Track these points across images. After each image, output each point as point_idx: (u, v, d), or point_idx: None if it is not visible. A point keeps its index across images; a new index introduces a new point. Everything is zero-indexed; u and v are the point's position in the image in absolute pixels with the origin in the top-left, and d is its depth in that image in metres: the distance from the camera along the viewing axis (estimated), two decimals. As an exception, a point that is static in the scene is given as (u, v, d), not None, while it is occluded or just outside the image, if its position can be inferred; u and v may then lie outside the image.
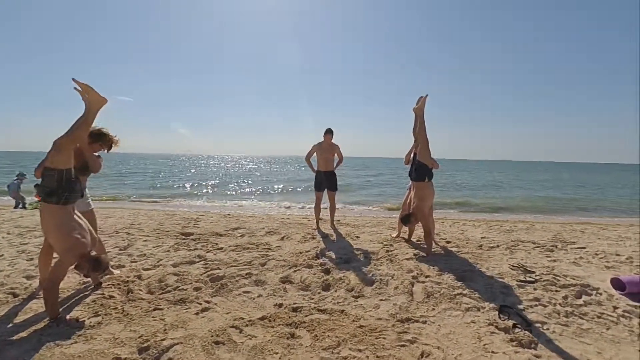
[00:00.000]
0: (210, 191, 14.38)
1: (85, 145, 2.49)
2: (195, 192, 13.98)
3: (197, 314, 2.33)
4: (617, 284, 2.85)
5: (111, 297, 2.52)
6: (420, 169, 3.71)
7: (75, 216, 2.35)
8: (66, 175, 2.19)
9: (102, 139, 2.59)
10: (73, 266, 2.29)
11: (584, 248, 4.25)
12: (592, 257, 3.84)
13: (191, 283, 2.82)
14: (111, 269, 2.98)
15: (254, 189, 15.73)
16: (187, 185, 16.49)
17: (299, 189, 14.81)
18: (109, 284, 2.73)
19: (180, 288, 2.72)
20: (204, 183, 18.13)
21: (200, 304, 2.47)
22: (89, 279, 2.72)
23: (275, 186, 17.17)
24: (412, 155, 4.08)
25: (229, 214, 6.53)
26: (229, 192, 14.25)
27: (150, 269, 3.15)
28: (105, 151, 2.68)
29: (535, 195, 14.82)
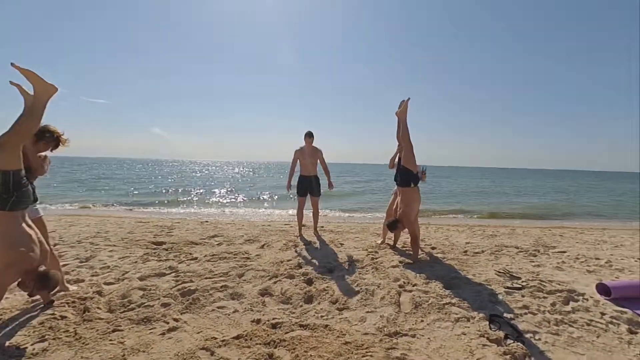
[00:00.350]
0: (189, 198, 13.82)
1: (29, 145, 2.20)
2: (174, 198, 13.38)
3: (163, 334, 2.07)
4: (603, 289, 2.83)
5: (63, 317, 2.21)
6: (405, 174, 3.62)
7: (24, 225, 2.05)
8: (14, 177, 1.91)
9: (46, 137, 2.30)
10: (16, 283, 1.99)
11: (564, 252, 4.28)
12: (573, 261, 3.87)
13: (159, 298, 2.54)
14: (66, 285, 2.65)
15: (236, 195, 15.30)
16: (166, 191, 15.81)
17: (288, 195, 14.45)
18: (62, 302, 2.40)
19: (145, 305, 2.44)
20: (183, 189, 17.45)
21: (168, 322, 2.21)
22: (39, 297, 2.39)
23: (258, 192, 16.79)
24: (396, 159, 3.99)
25: (206, 221, 6.20)
26: (209, 198, 13.76)
27: (113, 283, 2.84)
28: (51, 151, 2.39)
29: (519, 201, 15.20)
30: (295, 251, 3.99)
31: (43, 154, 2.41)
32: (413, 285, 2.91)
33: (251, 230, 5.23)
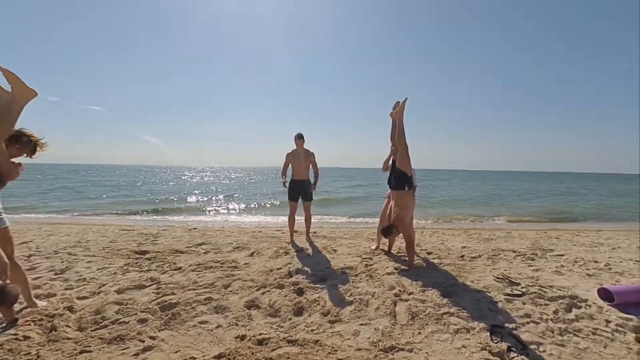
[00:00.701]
0: (179, 204, 13.51)
1: (1, 148, 2.02)
2: (163, 205, 13.05)
3: (136, 355, 1.88)
4: (604, 294, 2.72)
5: (26, 338, 2.01)
6: (400, 176, 3.49)
7: None
8: None
9: (22, 141, 2.12)
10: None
11: (562, 255, 4.19)
12: (572, 264, 3.77)
13: (135, 314, 2.35)
14: (35, 300, 2.44)
15: (228, 201, 15.04)
16: (155, 197, 15.46)
17: (282, 201, 14.22)
18: (27, 321, 2.20)
19: (120, 321, 2.25)
20: (173, 196, 17.11)
21: (143, 341, 2.02)
22: (1, 316, 2.18)
23: (251, 198, 16.55)
24: (390, 161, 3.87)
25: (194, 228, 5.96)
26: (199, 204, 13.47)
27: (87, 297, 2.63)
28: (27, 156, 2.20)
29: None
30: (286, 259, 3.81)
31: (17, 159, 2.22)
32: (409, 294, 2.76)
33: (241, 237, 5.03)
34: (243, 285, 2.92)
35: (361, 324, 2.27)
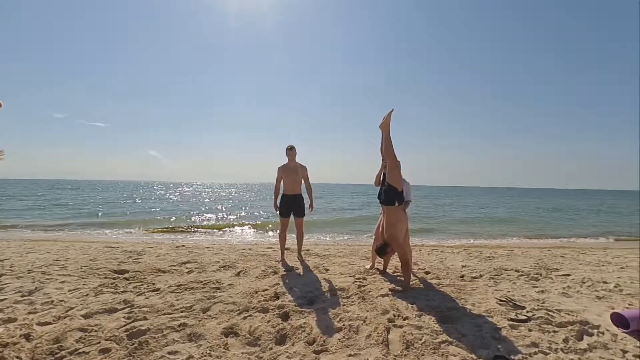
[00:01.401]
0: (172, 220, 13.26)
1: None
2: (155, 223, 12.80)
3: (89, 393, 1.64)
4: (618, 319, 2.48)
5: (-32, 372, 1.77)
6: (390, 191, 3.31)
7: None
8: None
9: None
10: None
11: (568, 275, 3.95)
12: (579, 285, 3.53)
13: (99, 342, 2.11)
14: (-12, 327, 2.21)
15: (222, 216, 14.78)
16: (150, 213, 15.22)
17: (276, 216, 13.89)
18: (-25, 351, 1.96)
19: (79, 351, 2.01)
20: (170, 212, 16.86)
21: (100, 375, 1.78)
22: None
23: (245, 213, 16.30)
24: (382, 176, 3.71)
25: (182, 245, 5.72)
26: (193, 220, 13.21)
27: (50, 323, 2.39)
28: None
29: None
30: (274, 279, 3.57)
31: None
32: (404, 319, 2.52)
33: (229, 255, 4.79)
34: (223, 309, 2.68)
35: (349, 355, 2.03)
